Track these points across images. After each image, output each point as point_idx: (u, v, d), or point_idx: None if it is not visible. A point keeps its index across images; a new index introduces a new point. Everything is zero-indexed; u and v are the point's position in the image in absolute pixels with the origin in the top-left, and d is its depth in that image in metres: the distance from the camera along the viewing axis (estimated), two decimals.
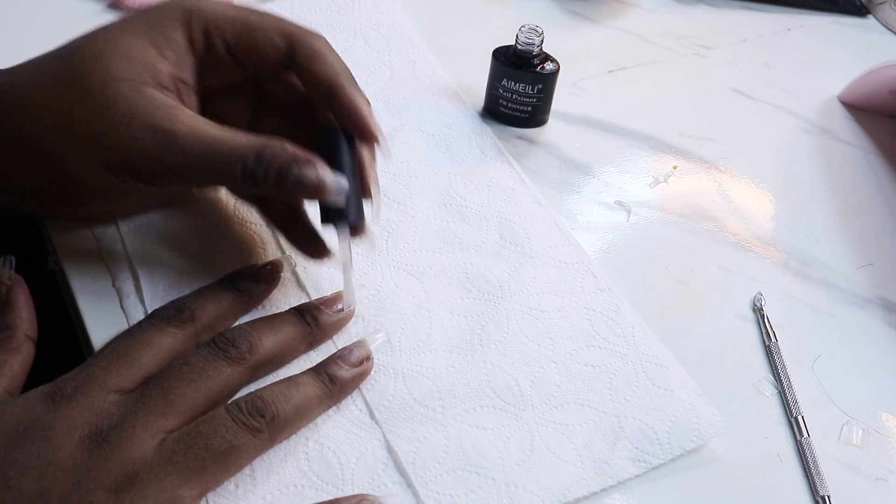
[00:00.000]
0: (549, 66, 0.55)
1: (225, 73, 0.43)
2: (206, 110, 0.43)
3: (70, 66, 0.39)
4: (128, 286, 0.45)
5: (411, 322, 0.45)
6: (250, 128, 0.45)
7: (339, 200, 0.39)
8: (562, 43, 0.61)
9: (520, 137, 0.57)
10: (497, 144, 0.55)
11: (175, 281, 0.45)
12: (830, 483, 0.42)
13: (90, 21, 0.59)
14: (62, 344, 0.45)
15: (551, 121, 0.58)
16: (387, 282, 0.47)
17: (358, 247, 0.44)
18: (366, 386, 0.42)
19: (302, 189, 0.38)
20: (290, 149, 0.38)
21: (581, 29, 0.65)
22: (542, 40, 0.54)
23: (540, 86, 0.55)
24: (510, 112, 0.56)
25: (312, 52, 0.41)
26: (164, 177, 0.39)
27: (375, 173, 0.43)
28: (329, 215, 0.40)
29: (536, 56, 0.54)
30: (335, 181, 0.39)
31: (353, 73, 0.43)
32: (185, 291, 0.43)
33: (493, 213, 0.51)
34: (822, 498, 0.42)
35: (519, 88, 0.55)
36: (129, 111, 0.37)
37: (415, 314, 0.45)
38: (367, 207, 0.42)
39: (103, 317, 0.44)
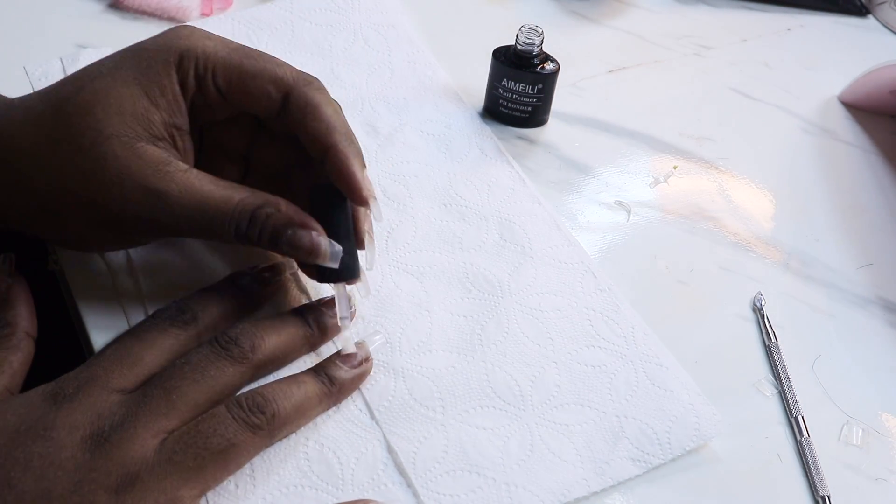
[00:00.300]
0: (549, 66, 0.55)
1: (219, 111, 0.42)
2: (204, 141, 0.43)
3: (62, 120, 0.38)
4: (128, 286, 0.44)
5: (411, 322, 0.45)
6: (248, 155, 0.44)
7: (332, 264, 0.39)
8: (562, 43, 0.61)
9: (520, 137, 0.56)
10: (497, 144, 0.55)
11: (176, 281, 0.45)
12: (830, 483, 0.42)
13: (90, 21, 0.60)
14: (62, 343, 0.45)
15: (551, 121, 0.58)
16: (387, 282, 0.47)
17: (355, 293, 0.44)
18: (366, 386, 0.42)
19: (296, 252, 0.39)
20: (284, 210, 0.38)
21: (581, 29, 0.65)
22: (542, 40, 0.54)
23: (540, 86, 0.55)
24: (510, 112, 0.56)
25: (307, 106, 0.40)
26: (158, 234, 0.40)
27: (370, 227, 0.43)
28: (325, 275, 0.41)
29: (536, 56, 0.54)
30: (329, 246, 0.39)
31: (353, 74, 0.43)
32: (187, 292, 0.43)
33: (493, 213, 0.51)
34: (823, 498, 0.42)
35: (519, 88, 0.55)
36: (120, 171, 0.37)
37: (415, 314, 0.45)
38: (361, 257, 0.42)
39: (103, 316, 0.44)
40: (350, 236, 0.41)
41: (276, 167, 0.44)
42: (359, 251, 0.42)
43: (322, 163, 0.40)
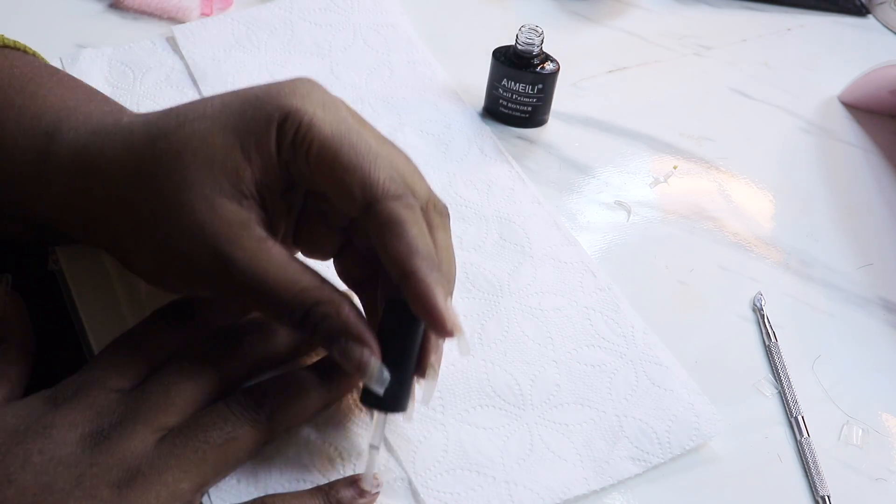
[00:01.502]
0: (548, 66, 0.55)
1: (314, 183, 0.38)
2: (308, 204, 0.40)
3: (153, 155, 0.36)
4: (128, 286, 0.44)
5: None
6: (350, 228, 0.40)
7: (377, 389, 0.36)
8: (562, 43, 0.60)
9: (520, 137, 0.56)
10: (496, 144, 0.55)
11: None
12: (830, 483, 0.42)
13: (89, 20, 0.60)
14: (63, 343, 0.45)
15: (551, 121, 0.58)
16: None
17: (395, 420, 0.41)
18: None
19: (343, 361, 0.36)
20: (342, 316, 0.36)
21: (581, 29, 0.65)
22: (542, 40, 0.54)
23: (540, 86, 0.55)
24: (510, 112, 0.56)
25: (389, 224, 0.36)
26: (218, 293, 0.38)
27: (438, 359, 0.39)
28: (368, 398, 0.37)
29: (536, 56, 0.54)
30: (378, 371, 0.36)
31: (353, 74, 0.41)
32: None
33: (493, 212, 0.51)
34: (822, 498, 0.42)
35: (519, 88, 0.55)
36: (193, 225, 0.35)
37: None
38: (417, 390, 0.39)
39: (103, 317, 0.44)
40: (410, 364, 0.37)
41: (372, 253, 0.39)
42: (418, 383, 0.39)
43: (402, 287, 0.36)
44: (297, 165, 0.37)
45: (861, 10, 0.70)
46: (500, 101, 0.56)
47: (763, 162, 0.58)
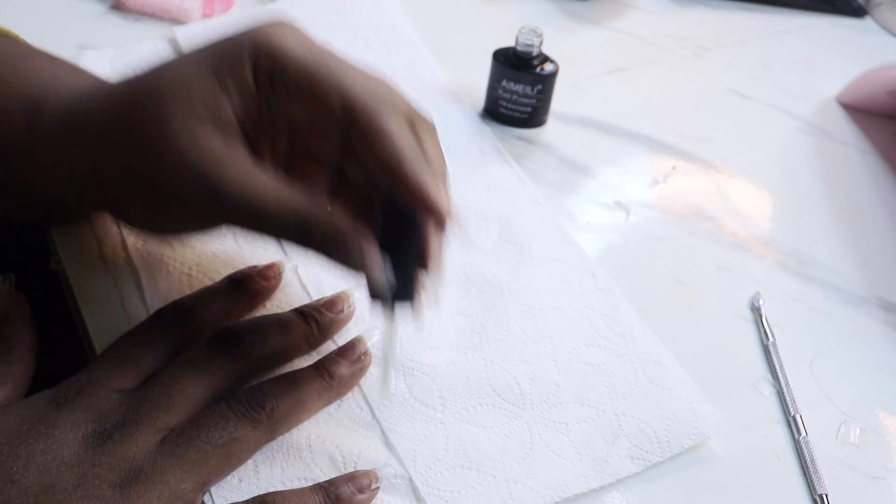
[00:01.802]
0: (548, 66, 0.55)
1: (297, 116, 0.38)
2: (296, 145, 0.40)
3: (132, 101, 0.37)
4: (129, 286, 0.45)
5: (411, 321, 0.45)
6: (339, 168, 0.40)
7: (380, 279, 0.36)
8: (561, 44, 0.61)
9: (520, 138, 0.57)
10: (496, 144, 0.55)
11: (176, 281, 0.45)
12: (828, 481, 0.42)
13: (91, 22, 0.60)
14: (64, 343, 0.45)
15: (551, 121, 0.58)
16: None
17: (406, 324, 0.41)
18: (366, 384, 0.42)
19: (344, 263, 0.36)
20: (339, 220, 0.36)
21: (580, 30, 0.66)
22: (542, 42, 0.54)
23: (540, 86, 0.55)
24: (510, 113, 0.57)
25: (372, 132, 0.36)
26: (214, 221, 0.38)
27: (440, 249, 0.38)
28: (375, 291, 0.37)
29: (536, 57, 0.54)
30: (380, 276, 0.36)
31: None
32: (186, 291, 0.43)
33: (493, 212, 0.51)
34: (820, 496, 0.42)
35: (519, 89, 0.55)
36: (178, 155, 0.36)
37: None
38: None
39: (105, 316, 0.44)
40: (412, 259, 0.37)
41: (368, 185, 0.40)
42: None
43: (393, 189, 0.37)
44: (277, 97, 0.37)
45: (859, 12, 0.71)
46: (500, 101, 0.56)
47: (761, 162, 0.58)
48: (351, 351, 0.42)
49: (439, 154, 0.40)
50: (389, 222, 0.38)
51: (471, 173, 0.53)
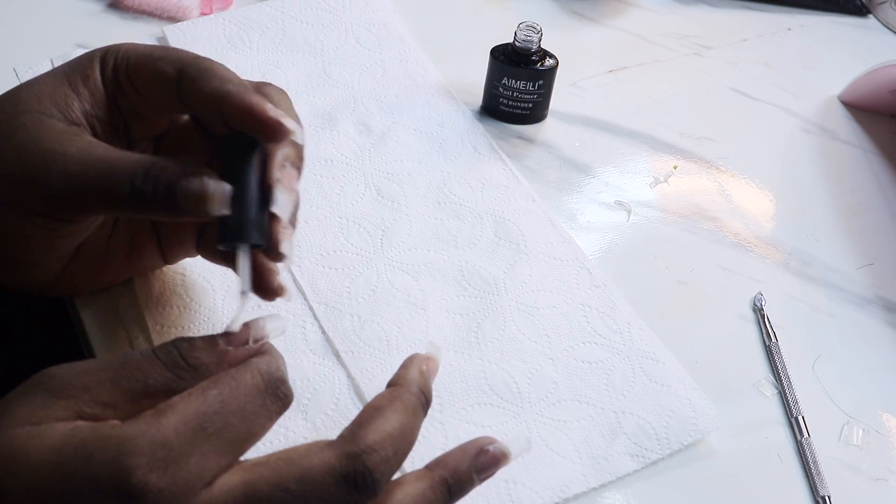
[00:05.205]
0: (548, 61, 0.54)
1: (142, 108, 0.40)
2: (158, 151, 0.42)
3: None
4: (124, 285, 0.44)
5: (407, 320, 0.45)
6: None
7: (224, 210, 0.35)
8: (562, 43, 0.60)
9: (520, 137, 0.56)
10: (490, 142, 0.55)
11: (170, 281, 0.45)
12: (831, 483, 0.42)
13: (91, 21, 0.60)
14: (65, 343, 0.45)
15: (551, 120, 0.58)
16: (382, 280, 0.47)
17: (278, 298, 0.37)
18: (365, 385, 0.42)
19: (186, 201, 0.35)
20: (178, 165, 0.36)
21: (581, 29, 0.65)
22: (541, 37, 0.54)
23: (540, 82, 0.55)
24: (510, 110, 0.56)
25: (199, 73, 0.38)
26: (51, 202, 0.37)
27: (288, 174, 0.37)
28: (223, 234, 0.35)
29: (535, 52, 0.54)
30: (217, 186, 0.35)
31: (345, 73, 0.41)
32: (180, 291, 0.43)
33: (488, 210, 0.51)
34: (823, 498, 0.41)
35: (519, 86, 0.55)
36: (27, 139, 0.37)
37: (411, 312, 0.45)
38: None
39: (105, 315, 0.44)
40: (252, 190, 0.35)
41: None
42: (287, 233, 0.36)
43: (224, 117, 0.36)
44: (124, 90, 0.40)
45: (861, 10, 0.70)
46: (500, 99, 0.56)
47: (763, 162, 0.58)
48: (234, 335, 0.35)
49: (290, 107, 0.40)
50: (224, 153, 0.37)
51: (465, 171, 0.53)
